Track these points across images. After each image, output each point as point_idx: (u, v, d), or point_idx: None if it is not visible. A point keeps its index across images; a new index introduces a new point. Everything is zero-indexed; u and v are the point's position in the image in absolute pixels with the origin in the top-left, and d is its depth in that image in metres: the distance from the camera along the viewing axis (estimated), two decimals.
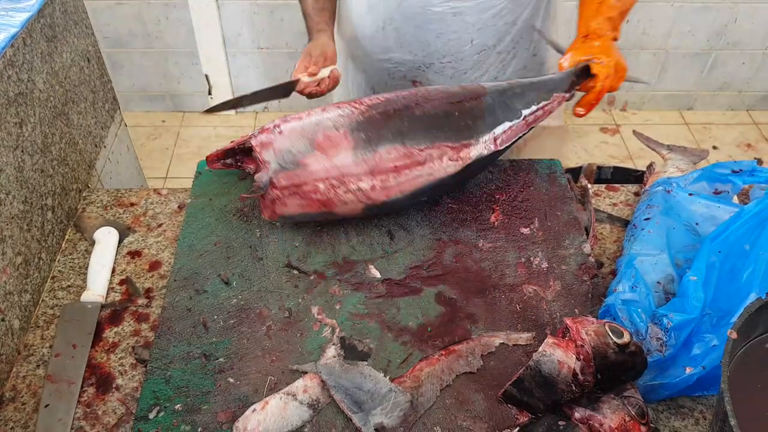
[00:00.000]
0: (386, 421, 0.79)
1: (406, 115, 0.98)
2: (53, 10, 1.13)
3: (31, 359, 0.91)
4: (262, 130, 0.98)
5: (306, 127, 0.96)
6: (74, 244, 1.07)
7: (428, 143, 0.98)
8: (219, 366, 0.85)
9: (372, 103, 0.99)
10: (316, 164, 0.94)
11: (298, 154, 0.94)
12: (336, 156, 0.94)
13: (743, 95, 3.10)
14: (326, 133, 0.95)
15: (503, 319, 0.92)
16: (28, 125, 1.01)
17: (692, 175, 1.07)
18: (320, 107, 1.01)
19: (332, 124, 0.96)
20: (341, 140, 0.95)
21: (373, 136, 0.96)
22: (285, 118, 0.99)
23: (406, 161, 0.97)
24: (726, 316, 0.83)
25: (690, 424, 0.84)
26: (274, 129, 0.97)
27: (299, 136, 0.95)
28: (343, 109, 0.98)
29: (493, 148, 1.03)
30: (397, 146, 0.96)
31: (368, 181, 0.95)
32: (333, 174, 0.94)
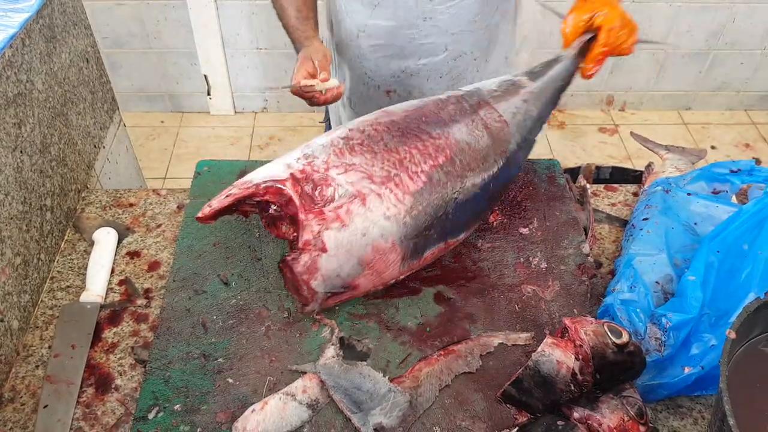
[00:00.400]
0: (385, 421, 0.79)
1: (449, 205, 0.91)
2: (52, 10, 1.13)
3: (30, 360, 0.91)
4: (303, 242, 0.83)
5: (353, 241, 0.84)
6: (73, 244, 1.07)
7: (465, 232, 0.99)
8: (218, 366, 0.85)
9: (416, 191, 0.88)
10: (365, 282, 0.88)
11: (348, 277, 0.86)
12: (385, 271, 0.89)
13: (741, 95, 3.11)
14: (375, 245, 0.85)
15: (502, 319, 0.92)
16: (27, 126, 1.01)
17: (690, 174, 1.08)
18: (339, 156, 0.89)
19: (380, 233, 0.85)
20: (390, 252, 0.87)
21: (421, 243, 0.90)
22: (323, 218, 0.83)
23: (444, 252, 0.98)
24: (724, 316, 0.83)
25: (689, 423, 0.84)
26: (316, 243, 0.83)
27: (346, 254, 0.84)
28: (384, 201, 0.86)
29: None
30: (440, 246, 0.94)
31: (406, 275, 0.95)
32: (378, 283, 0.91)
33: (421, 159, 0.90)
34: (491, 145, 0.97)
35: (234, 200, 0.86)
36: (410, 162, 0.90)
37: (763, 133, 3.02)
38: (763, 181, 1.01)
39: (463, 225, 0.97)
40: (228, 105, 2.97)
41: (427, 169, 0.90)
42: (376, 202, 0.85)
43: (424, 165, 0.90)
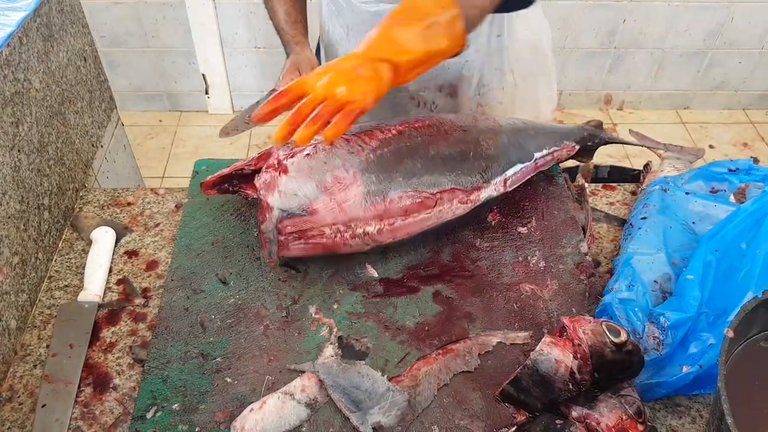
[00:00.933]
0: (384, 420, 0.79)
1: (419, 155, 0.94)
2: (49, 9, 1.13)
3: (28, 359, 0.90)
4: (267, 165, 0.91)
5: (314, 167, 0.89)
6: (71, 243, 1.07)
7: (440, 187, 0.95)
8: (216, 366, 0.85)
9: (384, 138, 0.94)
10: (324, 210, 0.88)
11: (305, 198, 0.88)
12: (345, 201, 0.89)
13: (739, 94, 3.11)
14: (335, 174, 0.89)
15: (500, 318, 0.92)
16: (25, 125, 1.01)
17: (689, 174, 1.08)
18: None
19: (342, 163, 0.90)
20: (351, 183, 0.89)
21: (385, 178, 0.91)
22: (290, 149, 0.91)
23: (416, 205, 0.94)
24: (723, 315, 0.83)
25: (687, 422, 0.85)
26: (279, 166, 0.90)
27: (306, 177, 0.88)
28: (352, 144, 0.92)
29: (502, 190, 1.03)
30: (409, 191, 0.92)
31: (376, 224, 0.92)
32: (340, 219, 0.89)
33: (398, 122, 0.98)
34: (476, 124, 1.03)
35: (232, 170, 0.97)
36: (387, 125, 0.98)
37: (761, 133, 3.03)
38: (761, 179, 1.01)
39: (438, 178, 0.95)
40: (226, 104, 2.97)
41: (401, 127, 0.97)
42: (343, 143, 0.93)
43: (400, 126, 0.98)
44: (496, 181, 1.01)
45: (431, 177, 0.94)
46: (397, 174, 0.92)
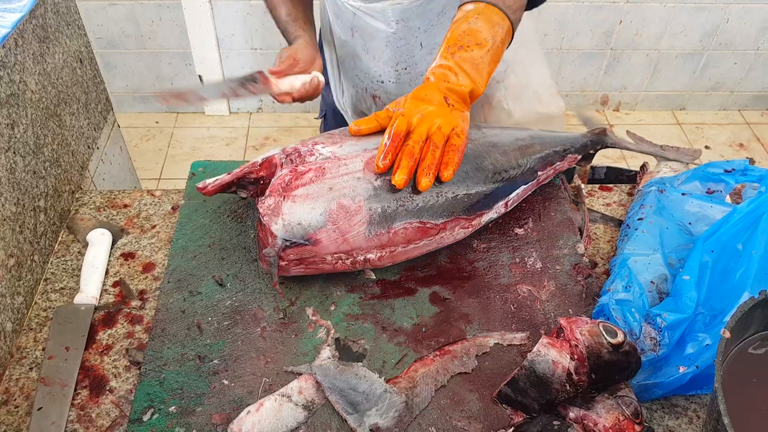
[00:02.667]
0: (381, 422, 0.78)
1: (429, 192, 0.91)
2: (45, 10, 1.12)
3: (24, 362, 0.90)
4: (271, 187, 0.88)
5: (319, 194, 0.87)
6: (67, 245, 1.07)
7: (445, 217, 0.93)
8: (213, 368, 0.85)
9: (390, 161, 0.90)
10: (327, 240, 0.87)
11: (309, 228, 0.86)
12: (349, 232, 0.87)
13: (735, 95, 3.12)
14: (341, 202, 0.87)
15: (498, 319, 0.92)
16: (20, 126, 1.00)
17: (685, 174, 1.08)
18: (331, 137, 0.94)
19: (348, 190, 0.87)
20: (356, 213, 0.87)
21: (390, 209, 0.88)
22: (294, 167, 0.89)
23: (420, 234, 0.92)
24: (719, 315, 0.83)
25: (684, 423, 0.85)
26: (284, 191, 0.88)
27: (311, 205, 0.86)
28: (356, 161, 0.89)
29: (503, 211, 1.03)
30: (414, 222, 0.90)
31: (377, 252, 0.91)
32: (343, 249, 0.89)
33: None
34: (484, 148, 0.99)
35: (234, 178, 0.93)
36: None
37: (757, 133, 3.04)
38: (757, 180, 1.01)
39: (443, 210, 0.92)
40: (223, 105, 2.96)
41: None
42: (350, 163, 0.90)
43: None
44: (499, 204, 1.01)
45: (438, 208, 0.92)
46: (404, 204, 0.89)
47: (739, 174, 1.03)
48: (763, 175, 1.00)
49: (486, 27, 0.94)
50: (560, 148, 1.09)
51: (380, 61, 1.23)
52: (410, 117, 0.89)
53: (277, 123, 2.95)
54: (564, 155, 1.10)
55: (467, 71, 0.93)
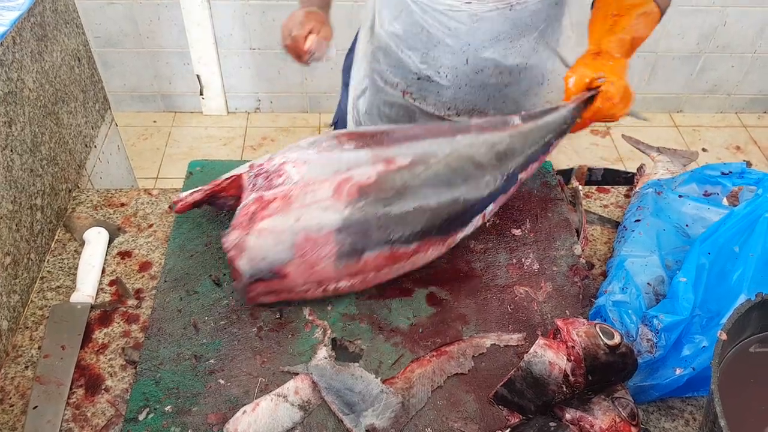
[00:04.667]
0: (377, 423, 0.78)
1: (397, 215, 0.87)
2: (43, 9, 1.12)
3: (20, 360, 0.90)
4: (235, 222, 0.86)
5: (285, 226, 0.83)
6: (64, 244, 1.07)
7: (418, 242, 0.90)
8: (209, 367, 0.85)
9: (362, 185, 0.87)
10: (295, 273, 0.85)
11: (276, 262, 0.83)
12: (317, 264, 0.84)
13: (732, 98, 3.12)
14: (308, 234, 0.83)
15: (494, 320, 0.92)
16: (18, 124, 1.00)
17: (682, 177, 1.08)
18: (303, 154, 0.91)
19: (316, 223, 0.84)
20: (324, 246, 0.83)
21: (360, 239, 0.85)
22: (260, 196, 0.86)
23: (391, 261, 0.89)
24: (716, 317, 0.83)
25: (680, 425, 0.85)
26: (247, 225, 0.84)
27: (276, 239, 0.83)
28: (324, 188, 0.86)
29: (480, 224, 0.98)
30: (384, 251, 0.87)
31: (348, 281, 0.88)
32: (312, 279, 0.86)
33: (377, 158, 0.91)
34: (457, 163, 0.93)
35: (204, 195, 0.95)
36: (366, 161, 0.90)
37: (754, 136, 3.04)
38: (754, 183, 1.01)
39: (414, 236, 0.89)
40: (221, 105, 2.96)
41: (380, 168, 0.89)
42: (318, 190, 0.86)
43: (379, 165, 0.90)
44: (475, 219, 0.96)
45: (410, 234, 0.88)
46: (373, 234, 0.86)
47: (736, 177, 1.03)
48: (761, 178, 1.00)
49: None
50: (545, 138, 1.01)
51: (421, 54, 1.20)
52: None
53: (275, 123, 2.95)
54: (548, 145, 1.02)
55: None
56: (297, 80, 2.84)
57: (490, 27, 1.12)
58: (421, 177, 0.91)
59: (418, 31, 1.16)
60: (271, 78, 2.85)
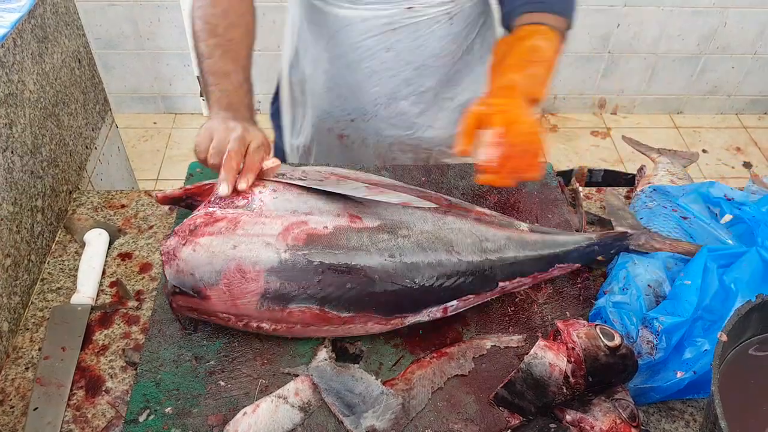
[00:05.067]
0: (378, 424, 0.78)
1: (337, 276, 0.81)
2: (44, 10, 1.12)
3: (20, 362, 0.90)
4: (178, 227, 0.83)
5: (221, 249, 0.80)
6: (64, 245, 1.07)
7: (352, 312, 0.83)
8: (210, 369, 0.85)
9: (313, 234, 0.82)
10: (216, 299, 0.81)
11: (201, 282, 0.80)
12: (240, 298, 0.81)
13: (732, 99, 3.13)
14: (240, 264, 0.80)
15: (494, 321, 0.92)
16: (18, 126, 1.00)
17: (690, 187, 1.06)
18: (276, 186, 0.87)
19: (252, 256, 0.80)
20: (251, 282, 0.80)
21: (291, 289, 0.81)
22: (210, 216, 0.83)
23: (319, 321, 0.84)
24: (719, 321, 0.83)
25: (680, 426, 0.85)
26: (188, 236, 0.81)
27: (208, 259, 0.80)
28: (275, 225, 0.82)
29: (439, 316, 0.89)
30: (313, 308, 0.82)
31: (271, 325, 0.84)
32: (232, 312, 0.83)
33: (344, 211, 0.86)
34: (429, 244, 0.86)
35: (184, 192, 0.96)
36: (332, 210, 0.86)
37: (754, 137, 3.04)
38: (748, 219, 0.98)
39: (350, 304, 0.83)
40: None
41: (341, 222, 0.85)
42: (268, 224, 0.82)
43: (343, 219, 0.85)
44: (432, 309, 0.88)
45: (346, 300, 0.82)
46: (306, 288, 0.81)
47: (735, 205, 1.01)
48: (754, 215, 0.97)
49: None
50: (546, 255, 0.93)
51: (350, 97, 1.19)
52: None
53: None
54: (550, 265, 0.93)
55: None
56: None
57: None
58: (379, 245, 0.84)
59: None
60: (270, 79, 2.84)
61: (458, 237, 0.88)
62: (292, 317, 0.83)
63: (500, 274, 0.90)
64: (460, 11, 1.13)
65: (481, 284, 0.89)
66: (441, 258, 0.86)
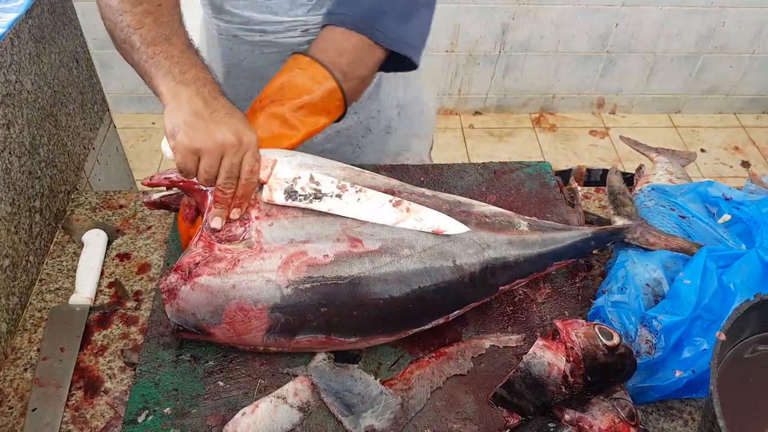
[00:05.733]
0: (377, 424, 0.78)
1: (342, 306, 0.80)
2: (41, 10, 1.12)
3: (19, 363, 0.90)
4: (177, 264, 0.80)
5: (221, 289, 0.78)
6: (62, 246, 1.07)
7: (359, 336, 0.84)
8: (208, 369, 0.85)
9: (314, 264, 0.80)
10: (221, 335, 0.81)
11: (203, 321, 0.79)
12: (245, 334, 0.80)
13: (731, 98, 3.13)
14: (241, 303, 0.78)
15: (493, 321, 0.92)
16: (16, 127, 1.00)
17: (687, 186, 1.06)
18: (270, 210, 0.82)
19: (253, 294, 0.78)
20: (255, 319, 0.79)
21: (294, 323, 0.80)
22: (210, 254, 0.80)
23: (328, 346, 0.84)
24: (718, 321, 0.83)
25: (679, 425, 0.85)
26: (187, 274, 0.79)
27: (208, 300, 0.78)
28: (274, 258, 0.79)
29: (441, 322, 0.89)
30: (320, 337, 0.82)
31: (277, 348, 0.84)
32: (239, 343, 0.83)
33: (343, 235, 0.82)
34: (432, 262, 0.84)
35: (170, 183, 0.86)
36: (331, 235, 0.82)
37: (753, 137, 3.05)
38: (746, 219, 0.98)
39: (357, 331, 0.82)
40: None
41: (341, 248, 0.81)
42: (267, 258, 0.79)
43: (342, 244, 0.82)
44: (435, 321, 0.88)
45: (352, 327, 0.82)
46: (312, 320, 0.80)
47: (734, 205, 1.01)
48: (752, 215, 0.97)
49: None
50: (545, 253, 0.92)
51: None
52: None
53: None
54: (547, 263, 0.93)
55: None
56: None
57: None
58: (383, 269, 0.81)
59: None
60: None
61: (460, 248, 0.86)
62: (299, 345, 0.83)
63: (501, 280, 0.90)
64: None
65: (483, 292, 0.89)
66: (444, 274, 0.84)
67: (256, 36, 1.11)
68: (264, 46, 1.12)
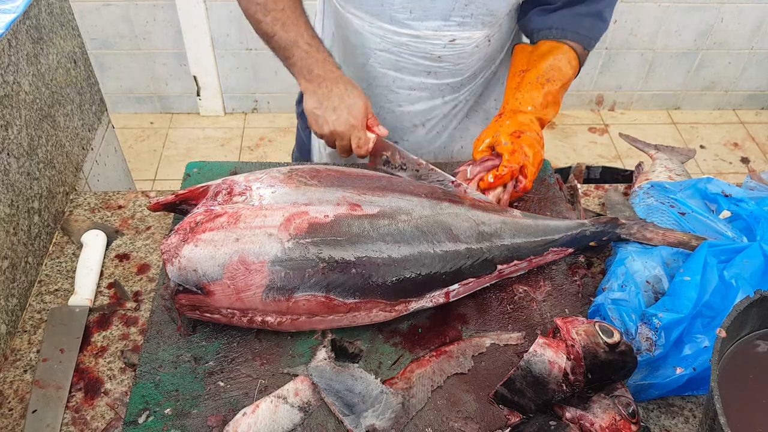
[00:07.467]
0: (378, 423, 0.78)
1: (341, 262, 0.82)
2: (39, 11, 1.12)
3: (19, 364, 0.90)
4: (180, 225, 0.84)
5: (223, 242, 0.80)
6: (61, 247, 1.06)
7: (358, 298, 0.84)
8: (209, 369, 0.85)
9: (314, 222, 0.83)
10: (220, 293, 0.81)
11: (204, 277, 0.80)
12: (244, 291, 0.81)
13: (730, 94, 3.13)
14: (243, 256, 0.80)
15: (494, 319, 0.92)
16: (14, 128, 1.00)
17: (687, 183, 1.06)
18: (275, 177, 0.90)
19: (256, 248, 0.80)
20: (255, 273, 0.80)
21: (295, 277, 0.81)
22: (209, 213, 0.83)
23: (325, 309, 0.84)
24: (718, 318, 0.83)
25: (680, 422, 0.85)
26: (189, 232, 0.82)
27: (211, 254, 0.80)
28: (276, 216, 0.83)
29: (442, 301, 0.91)
30: (319, 296, 0.82)
31: (276, 317, 0.84)
32: (237, 306, 0.83)
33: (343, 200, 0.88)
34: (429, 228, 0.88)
35: (176, 198, 0.93)
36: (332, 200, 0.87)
37: (752, 133, 3.05)
38: (746, 215, 0.98)
39: (355, 290, 0.84)
40: (218, 106, 2.96)
41: (341, 211, 0.86)
42: (269, 216, 0.83)
43: (342, 207, 0.86)
44: (435, 294, 0.90)
45: (351, 286, 0.83)
46: (309, 278, 0.81)
47: (733, 202, 1.00)
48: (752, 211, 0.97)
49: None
50: (540, 239, 0.96)
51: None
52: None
53: (273, 123, 2.94)
54: (544, 248, 0.96)
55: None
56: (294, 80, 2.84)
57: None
58: (381, 230, 0.86)
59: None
60: (268, 78, 2.85)
61: (456, 221, 0.91)
62: (297, 307, 0.83)
63: (498, 257, 0.92)
64: (498, 32, 1.15)
65: (481, 268, 0.91)
66: (441, 241, 0.89)
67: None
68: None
